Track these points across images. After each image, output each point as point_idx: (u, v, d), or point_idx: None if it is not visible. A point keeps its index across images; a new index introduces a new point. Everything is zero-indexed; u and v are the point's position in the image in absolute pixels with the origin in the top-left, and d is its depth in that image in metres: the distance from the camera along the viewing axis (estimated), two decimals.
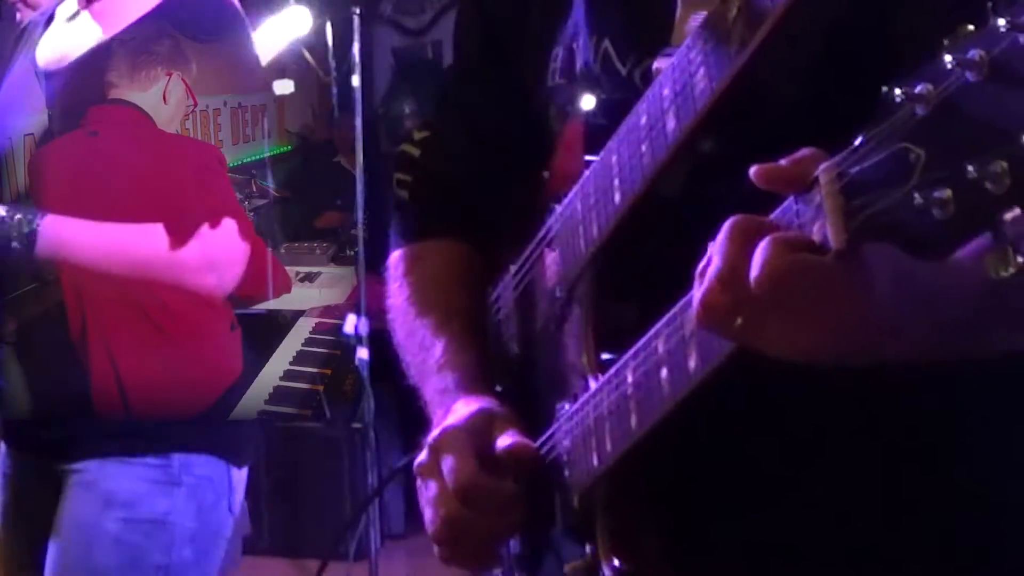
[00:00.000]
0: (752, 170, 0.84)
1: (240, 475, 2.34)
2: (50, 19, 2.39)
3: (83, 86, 2.29)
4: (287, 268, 2.69)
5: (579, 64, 1.24)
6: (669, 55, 1.08)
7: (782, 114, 1.02)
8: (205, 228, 2.23)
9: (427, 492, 1.21)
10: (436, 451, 1.20)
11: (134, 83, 2.25)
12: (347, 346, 3.85)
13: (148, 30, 2.27)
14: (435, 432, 1.21)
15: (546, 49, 1.29)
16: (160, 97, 2.25)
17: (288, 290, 2.44)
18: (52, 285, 2.25)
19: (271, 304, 2.51)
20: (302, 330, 3.20)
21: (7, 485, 2.37)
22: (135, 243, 2.22)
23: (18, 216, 2.20)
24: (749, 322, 0.85)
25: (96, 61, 2.28)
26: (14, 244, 2.20)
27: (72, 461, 2.23)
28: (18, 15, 2.47)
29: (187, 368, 2.25)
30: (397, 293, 1.45)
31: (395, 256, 1.48)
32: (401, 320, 1.42)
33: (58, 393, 2.29)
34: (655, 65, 1.11)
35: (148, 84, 2.25)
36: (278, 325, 2.87)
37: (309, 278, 3.73)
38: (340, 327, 3.75)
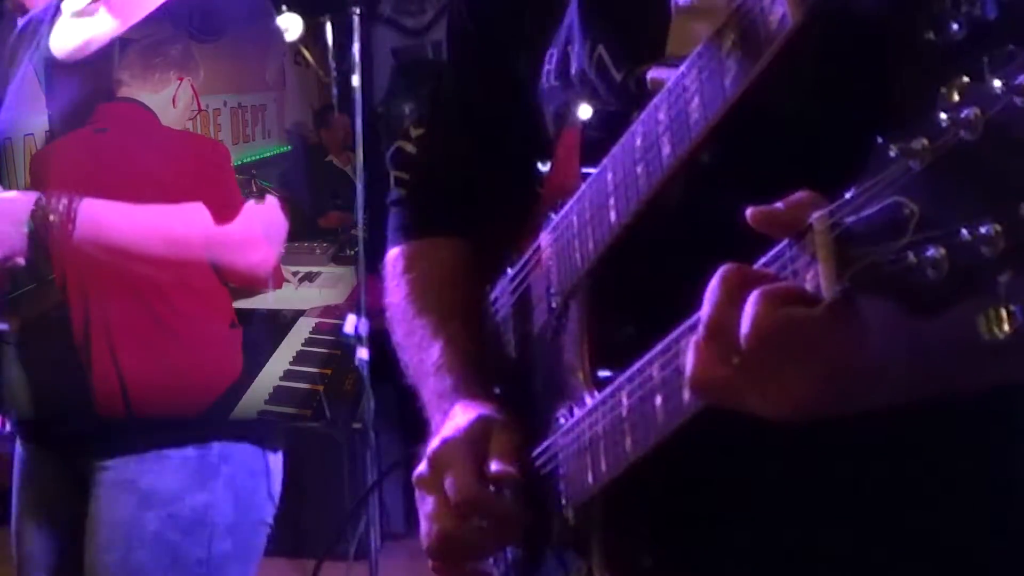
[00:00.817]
0: (748, 212, 0.84)
1: (276, 460, 2.34)
2: (55, 14, 2.38)
3: (92, 84, 2.28)
4: (288, 268, 2.69)
5: (574, 68, 1.24)
6: (663, 64, 1.08)
7: (777, 145, 1.02)
8: (250, 204, 2.24)
9: (425, 506, 1.22)
10: (436, 465, 1.20)
11: (146, 84, 2.25)
12: (347, 346, 3.85)
13: (163, 32, 2.27)
14: (434, 444, 1.22)
15: (539, 49, 1.28)
16: (170, 100, 2.24)
17: (279, 286, 2.42)
18: (51, 285, 2.25)
19: (271, 304, 2.50)
20: (302, 330, 3.19)
21: (28, 482, 2.36)
22: (175, 222, 2.22)
23: (55, 200, 2.19)
24: (741, 377, 0.84)
25: (107, 59, 2.28)
26: (55, 228, 2.19)
27: (102, 458, 2.21)
28: (19, 21, 2.47)
29: (188, 365, 2.24)
30: (395, 292, 1.45)
31: (393, 254, 1.48)
32: (399, 319, 1.42)
33: (59, 393, 2.29)
34: (649, 74, 1.10)
35: (160, 87, 2.25)
36: (278, 325, 2.86)
37: (309, 278, 3.72)
38: (340, 327, 3.74)
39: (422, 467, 1.22)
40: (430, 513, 1.21)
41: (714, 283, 0.85)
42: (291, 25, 4.34)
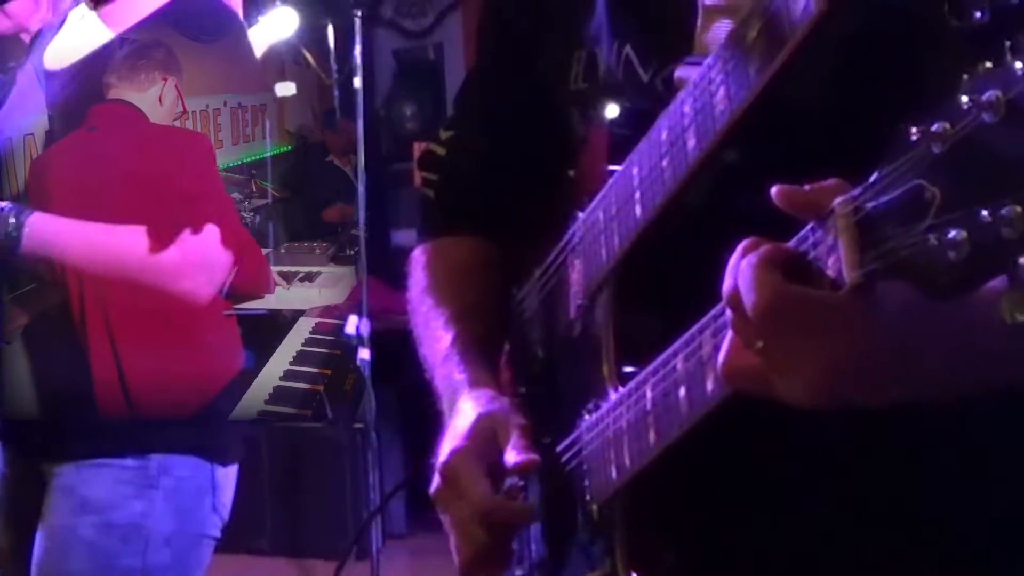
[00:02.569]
0: (773, 190, 0.85)
1: (226, 473, 2.32)
2: (61, 23, 2.40)
3: (84, 87, 2.31)
4: (288, 268, 2.70)
5: (602, 69, 1.25)
6: (690, 63, 1.09)
7: (802, 135, 1.02)
8: (186, 233, 2.24)
9: (448, 521, 1.22)
10: (448, 479, 1.21)
11: (133, 84, 2.28)
12: (347, 346, 3.86)
13: (146, 37, 2.30)
14: (443, 457, 1.22)
15: (567, 51, 1.29)
16: (156, 99, 2.27)
17: (272, 290, 2.43)
18: (50, 285, 2.26)
19: (271, 304, 2.51)
20: (302, 330, 3.20)
21: (3, 484, 2.38)
22: (115, 244, 2.23)
23: (5, 212, 2.22)
24: (764, 360, 0.86)
25: (97, 63, 2.30)
26: (1, 240, 2.22)
27: (55, 463, 2.23)
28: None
29: (187, 355, 2.24)
30: (414, 287, 1.46)
31: (417, 251, 1.49)
32: (417, 311, 1.44)
33: (62, 391, 2.30)
34: (676, 74, 1.11)
35: (146, 86, 2.28)
36: (278, 325, 2.87)
37: (309, 278, 3.73)
38: (342, 327, 3.75)
39: (436, 482, 1.23)
40: (452, 528, 1.22)
41: (734, 257, 0.87)
42: (286, 20, 4.36)
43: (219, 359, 2.30)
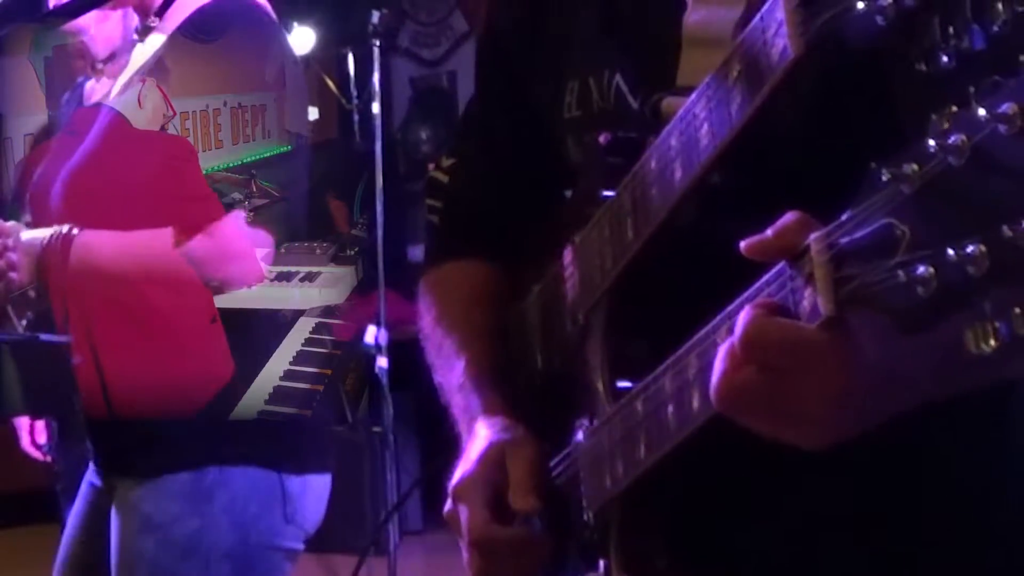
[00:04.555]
0: (741, 245, 0.88)
1: (303, 482, 2.28)
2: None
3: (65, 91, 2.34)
4: (288, 268, 2.70)
5: (594, 98, 1.29)
6: (675, 92, 1.13)
7: (781, 169, 1.06)
8: (228, 217, 2.25)
9: (460, 541, 1.29)
10: (456, 502, 1.28)
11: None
12: (348, 346, 3.93)
13: None
14: (455, 480, 1.29)
15: (561, 82, 1.33)
16: (136, 100, 2.26)
17: (260, 280, 2.42)
18: (37, 292, 2.29)
19: (271, 304, 2.52)
20: (302, 330, 3.21)
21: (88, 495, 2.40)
22: (148, 246, 2.24)
23: (56, 229, 2.25)
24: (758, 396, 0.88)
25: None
26: (53, 256, 2.24)
27: (118, 476, 2.25)
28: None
29: (168, 362, 2.25)
30: (425, 313, 1.51)
31: (425, 277, 1.55)
32: (430, 339, 1.49)
33: (49, 395, 2.33)
34: (664, 101, 1.15)
35: (125, 87, 2.28)
36: (278, 325, 2.88)
37: (309, 278, 3.74)
38: (361, 336, 3.86)
39: (448, 504, 1.29)
40: (464, 548, 1.28)
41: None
42: (303, 40, 4.48)
43: (203, 365, 2.28)
